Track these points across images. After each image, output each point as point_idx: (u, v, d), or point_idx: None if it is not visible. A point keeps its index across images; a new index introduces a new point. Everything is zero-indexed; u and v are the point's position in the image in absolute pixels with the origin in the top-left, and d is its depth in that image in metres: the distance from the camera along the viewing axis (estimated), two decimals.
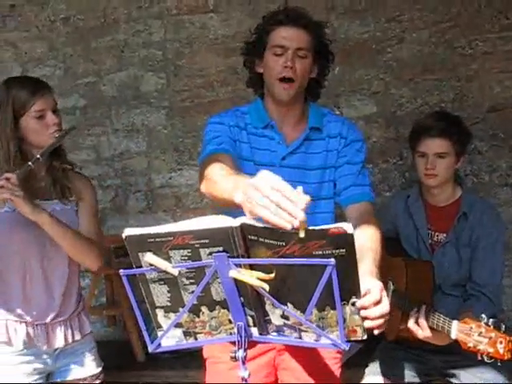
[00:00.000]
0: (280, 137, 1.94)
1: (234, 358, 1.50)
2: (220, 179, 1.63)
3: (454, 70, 2.93)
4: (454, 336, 2.00)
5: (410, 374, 2.30)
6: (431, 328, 2.07)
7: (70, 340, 2.05)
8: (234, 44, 3.07)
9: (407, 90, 2.97)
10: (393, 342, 2.35)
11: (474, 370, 2.22)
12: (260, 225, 1.37)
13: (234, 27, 3.11)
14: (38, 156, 1.92)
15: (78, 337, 2.07)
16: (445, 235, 2.43)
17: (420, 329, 2.07)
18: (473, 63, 2.92)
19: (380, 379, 2.28)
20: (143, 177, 3.18)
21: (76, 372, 2.09)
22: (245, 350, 1.51)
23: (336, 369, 2.04)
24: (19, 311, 2.00)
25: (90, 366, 2.10)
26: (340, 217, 1.92)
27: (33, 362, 2.01)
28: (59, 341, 2.04)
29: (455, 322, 2.01)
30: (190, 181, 3.17)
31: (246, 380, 1.52)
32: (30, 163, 1.90)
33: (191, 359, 2.74)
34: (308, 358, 1.98)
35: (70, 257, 2.04)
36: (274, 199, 1.30)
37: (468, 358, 2.10)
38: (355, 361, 2.56)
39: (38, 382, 2.01)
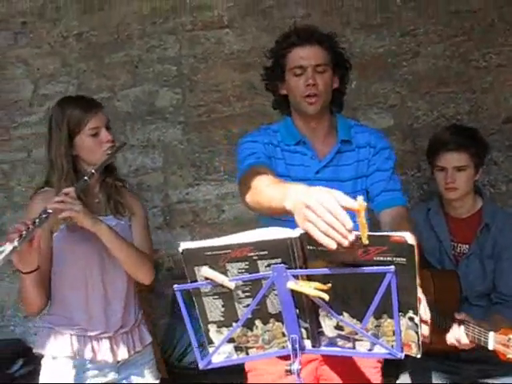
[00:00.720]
0: (312, 152, 2.03)
1: (289, 372, 1.51)
2: (267, 188, 1.67)
3: (469, 82, 3.02)
4: (491, 347, 2.03)
5: None
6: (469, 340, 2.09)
7: (132, 352, 2.14)
8: (249, 59, 3.14)
9: (423, 102, 3.05)
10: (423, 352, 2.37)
11: (510, 379, 2.24)
12: None
13: (250, 42, 3.17)
14: (93, 171, 2.00)
15: (139, 348, 2.16)
16: (467, 246, 2.48)
17: (458, 343, 2.09)
18: (487, 76, 3.00)
19: None
20: (159, 193, 3.19)
21: (139, 381, 2.15)
22: (299, 362, 1.52)
23: (377, 377, 2.06)
24: (83, 325, 2.08)
25: (148, 378, 2.18)
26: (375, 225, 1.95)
27: (98, 375, 2.10)
28: (123, 353, 2.12)
29: (492, 334, 2.03)
30: (207, 196, 3.19)
31: None
32: (86, 178, 1.99)
33: (215, 374, 2.73)
34: (348, 367, 2.00)
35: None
36: (326, 220, 1.34)
37: (503, 366, 2.12)
38: (384, 372, 2.57)
39: None
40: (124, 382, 2.14)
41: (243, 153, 2.01)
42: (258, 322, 1.53)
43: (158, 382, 2.22)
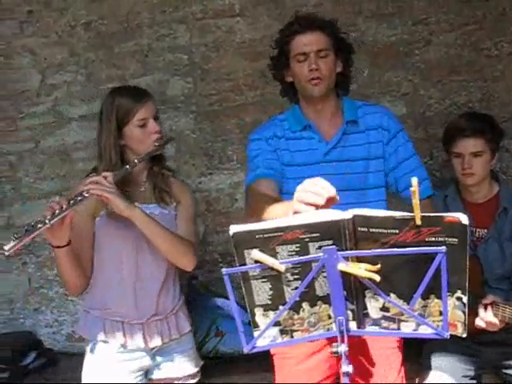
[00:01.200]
0: (319, 135, 2.12)
1: (336, 353, 1.53)
2: (270, 207, 1.83)
3: (481, 71, 3.06)
4: None
5: (463, 367, 2.38)
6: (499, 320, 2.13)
7: (166, 339, 2.16)
8: (261, 48, 3.12)
9: (435, 91, 3.09)
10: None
11: None
12: (372, 214, 1.41)
13: (261, 31, 3.17)
14: (136, 160, 2.04)
15: (175, 335, 2.18)
16: (485, 231, 2.53)
17: (489, 326, 2.13)
18: (498, 64, 3.06)
19: (434, 373, 2.32)
20: None
21: (172, 370, 2.19)
22: (347, 345, 1.53)
23: (397, 357, 2.13)
24: (117, 311, 2.13)
25: (186, 365, 2.21)
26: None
27: (131, 360, 2.12)
28: (156, 340, 2.16)
29: None
30: (220, 185, 3.20)
31: (349, 375, 1.54)
32: (127, 166, 2.04)
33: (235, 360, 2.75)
34: (368, 347, 2.02)
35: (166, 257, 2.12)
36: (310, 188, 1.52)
37: None
38: (404, 355, 2.61)
39: (137, 379, 2.11)
40: (159, 367, 2.16)
41: (250, 154, 2.16)
42: (305, 305, 1.54)
43: (196, 369, 2.23)
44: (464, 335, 1.51)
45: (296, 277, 1.50)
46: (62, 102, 3.32)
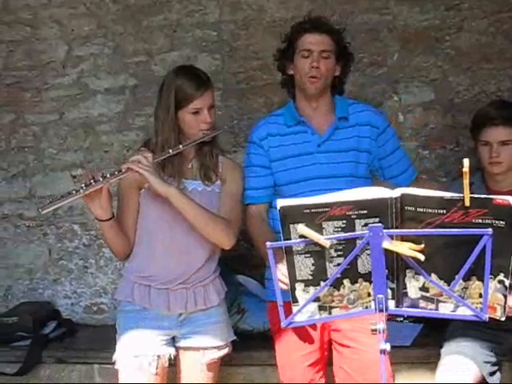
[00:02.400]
0: (312, 129, 2.33)
1: (375, 331, 1.55)
2: (260, 244, 2.16)
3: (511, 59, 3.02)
4: None
5: (484, 353, 2.39)
6: None
7: (190, 308, 2.25)
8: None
9: (465, 78, 3.09)
10: (465, 321, 2.42)
11: None
12: (421, 193, 1.43)
13: (292, 10, 3.17)
14: (181, 146, 2.18)
15: (201, 306, 2.25)
16: None
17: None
18: None
19: (460, 359, 2.34)
20: None
21: (198, 340, 2.26)
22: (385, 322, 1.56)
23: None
24: (145, 275, 2.25)
25: (213, 337, 2.26)
26: None
27: (155, 321, 2.24)
28: (179, 307, 2.23)
29: None
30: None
31: (385, 353, 1.56)
32: (170, 151, 2.16)
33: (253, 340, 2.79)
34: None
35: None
36: None
37: None
38: (425, 341, 2.65)
39: (161, 341, 2.23)
40: (186, 336, 2.25)
41: (246, 159, 2.42)
42: (346, 282, 1.57)
43: (223, 343, 2.30)
44: (503, 318, 1.54)
45: (339, 253, 1.52)
46: (88, 74, 3.34)
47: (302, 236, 1.50)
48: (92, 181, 2.06)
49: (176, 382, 2.34)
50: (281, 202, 1.48)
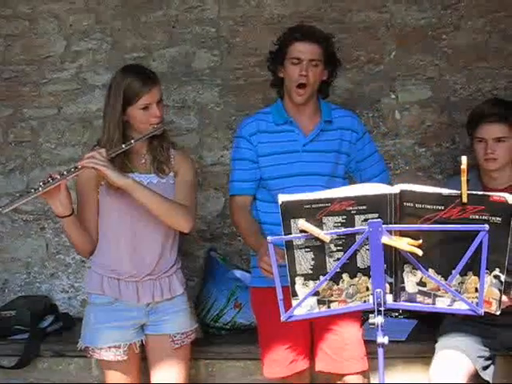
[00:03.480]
0: (299, 129, 2.49)
1: (373, 325, 1.59)
2: (246, 234, 2.48)
3: (507, 58, 3.10)
4: None
5: (478, 348, 2.45)
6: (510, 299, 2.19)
7: (158, 298, 2.39)
8: (289, 24, 3.10)
9: (461, 76, 3.14)
10: (459, 317, 2.46)
11: None
12: (420, 190, 1.46)
13: (290, 7, 3.20)
14: (132, 141, 2.29)
15: (167, 296, 2.40)
16: None
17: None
18: None
19: (454, 353, 2.39)
20: (194, 154, 3.21)
21: (166, 327, 2.41)
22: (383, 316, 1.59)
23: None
24: (114, 269, 2.37)
25: (180, 324, 2.43)
26: None
27: (124, 312, 2.37)
28: (147, 297, 2.38)
29: None
30: None
31: (383, 346, 1.60)
32: (123, 145, 2.27)
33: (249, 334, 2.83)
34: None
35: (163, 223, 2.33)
36: None
37: None
38: (420, 336, 2.70)
39: (130, 329, 2.37)
40: (154, 324, 2.38)
41: (233, 152, 2.58)
42: (345, 276, 1.61)
43: (190, 329, 2.44)
44: (498, 313, 1.57)
45: (339, 248, 1.56)
46: (86, 69, 3.36)
47: (302, 231, 1.54)
48: (50, 179, 2.18)
49: (147, 366, 2.48)
50: (282, 197, 1.52)
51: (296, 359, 2.42)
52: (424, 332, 2.69)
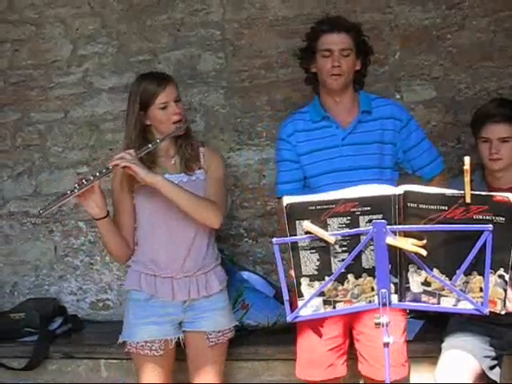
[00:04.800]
0: (337, 123, 2.45)
1: (378, 325, 1.60)
2: None
3: None
4: None
5: (484, 348, 2.45)
6: None
7: (194, 295, 2.44)
8: (294, 26, 3.19)
9: (466, 76, 3.13)
10: (465, 317, 2.46)
11: None
12: (423, 190, 1.48)
13: (295, 9, 3.21)
14: (158, 140, 2.36)
15: (203, 293, 2.44)
16: None
17: (509, 302, 2.18)
18: None
19: (460, 353, 2.39)
20: None
21: (202, 324, 2.45)
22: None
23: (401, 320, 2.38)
24: (150, 266, 2.44)
25: (216, 322, 2.46)
26: None
27: (160, 308, 2.43)
28: (183, 294, 2.43)
29: None
30: (248, 161, 3.27)
31: (388, 346, 1.61)
32: (150, 145, 2.34)
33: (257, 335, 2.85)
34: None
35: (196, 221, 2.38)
36: None
37: None
38: (427, 336, 2.70)
39: (166, 325, 2.43)
40: (191, 320, 2.43)
41: (277, 154, 2.58)
42: (350, 277, 1.62)
43: (227, 327, 2.47)
44: (503, 312, 1.58)
45: (344, 249, 1.57)
46: (93, 73, 3.38)
47: (307, 232, 1.55)
48: (84, 181, 2.26)
49: (187, 362, 2.53)
50: (287, 200, 1.53)
51: (335, 364, 2.38)
52: (431, 332, 2.69)
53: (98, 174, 2.28)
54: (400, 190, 1.49)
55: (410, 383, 2.60)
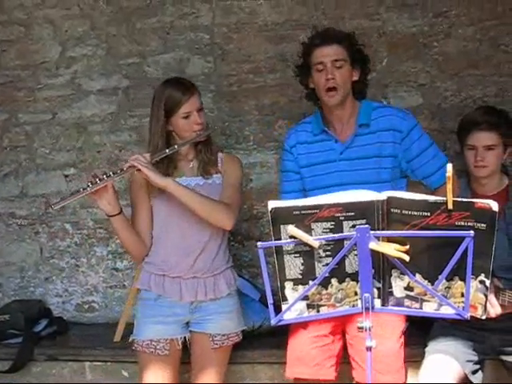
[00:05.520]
0: (335, 137, 2.46)
1: (361, 329, 1.62)
2: None
3: (498, 66, 3.14)
4: None
5: (467, 352, 2.48)
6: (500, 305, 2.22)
7: (201, 297, 2.47)
8: (283, 31, 3.22)
9: (452, 83, 3.17)
10: (449, 321, 2.49)
11: None
12: (406, 197, 1.50)
13: (284, 14, 3.23)
14: (176, 146, 2.41)
15: (211, 296, 2.48)
16: None
17: (491, 307, 2.21)
18: None
19: (443, 357, 2.41)
20: None
21: (208, 326, 2.48)
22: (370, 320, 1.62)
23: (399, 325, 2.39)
24: (160, 266, 2.49)
25: (222, 326, 2.51)
26: None
27: (168, 308, 2.46)
28: (190, 296, 2.46)
29: None
30: None
31: (370, 350, 1.63)
32: (166, 150, 2.40)
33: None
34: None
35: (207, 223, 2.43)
36: None
37: None
38: (410, 341, 2.71)
39: (173, 325, 2.46)
40: (197, 321, 2.46)
41: (282, 164, 2.61)
42: (334, 281, 1.64)
43: (232, 332, 2.50)
44: (483, 317, 1.60)
45: (328, 253, 1.59)
46: (81, 75, 3.39)
47: (291, 236, 1.57)
48: (97, 179, 2.32)
49: (190, 362, 2.56)
50: (272, 204, 1.55)
51: (322, 364, 2.35)
52: (414, 336, 2.71)
53: (111, 174, 2.34)
54: (383, 195, 1.51)
55: None
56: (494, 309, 2.24)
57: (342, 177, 2.39)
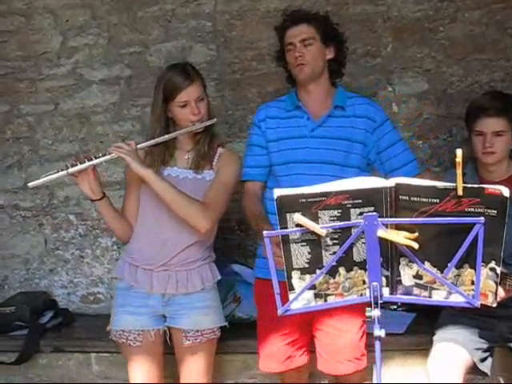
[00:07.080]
0: (308, 114, 2.45)
1: (370, 318, 1.59)
2: (252, 219, 2.41)
3: (504, 50, 3.09)
4: None
5: (475, 340, 2.46)
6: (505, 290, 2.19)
7: (170, 290, 2.39)
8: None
9: (458, 68, 3.12)
10: (457, 309, 2.46)
11: None
12: (415, 183, 1.46)
13: (287, 1, 3.16)
14: (167, 136, 2.35)
15: (182, 290, 2.39)
16: None
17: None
18: None
19: (451, 346, 2.39)
20: None
21: (181, 322, 2.40)
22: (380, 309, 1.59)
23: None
24: (133, 256, 2.44)
25: (195, 321, 2.39)
26: None
27: (139, 299, 2.40)
28: (160, 288, 2.39)
29: None
30: (240, 153, 3.18)
31: (379, 339, 1.60)
32: (152, 140, 2.34)
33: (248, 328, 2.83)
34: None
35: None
36: None
37: None
38: (418, 329, 2.70)
39: (144, 316, 2.39)
40: (172, 316, 2.39)
41: (248, 138, 2.61)
42: (341, 270, 1.61)
43: (208, 328, 2.40)
44: (494, 305, 1.57)
45: (335, 241, 1.56)
46: (83, 64, 3.35)
47: (298, 225, 1.53)
48: (78, 162, 2.30)
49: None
50: (278, 192, 1.51)
51: (293, 355, 2.42)
52: (422, 324, 2.69)
53: (93, 157, 2.30)
54: (392, 182, 1.47)
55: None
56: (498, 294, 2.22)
57: (310, 154, 2.38)
